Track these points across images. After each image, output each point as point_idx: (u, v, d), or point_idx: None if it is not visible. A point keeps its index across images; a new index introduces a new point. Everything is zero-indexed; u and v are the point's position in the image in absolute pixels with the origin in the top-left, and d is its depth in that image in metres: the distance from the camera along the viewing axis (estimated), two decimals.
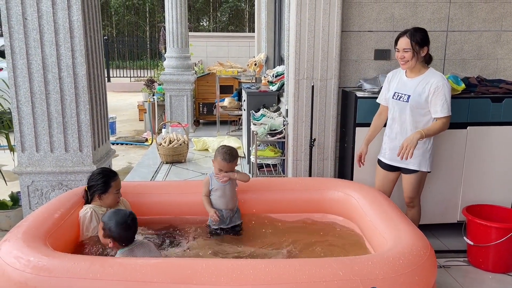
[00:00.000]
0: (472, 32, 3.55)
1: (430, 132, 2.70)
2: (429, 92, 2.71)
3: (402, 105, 2.81)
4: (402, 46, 2.74)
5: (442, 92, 2.69)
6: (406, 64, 2.77)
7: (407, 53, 2.73)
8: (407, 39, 2.73)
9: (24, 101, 3.01)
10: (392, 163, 2.93)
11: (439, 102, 2.69)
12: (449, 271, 2.98)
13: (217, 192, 2.81)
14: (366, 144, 3.07)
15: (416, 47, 2.72)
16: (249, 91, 5.16)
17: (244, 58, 8.96)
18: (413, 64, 2.75)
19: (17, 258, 1.93)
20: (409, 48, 2.72)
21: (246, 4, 23.04)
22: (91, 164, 3.13)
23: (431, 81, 2.73)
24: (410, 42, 2.71)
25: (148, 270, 1.86)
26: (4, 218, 3.67)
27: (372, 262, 1.91)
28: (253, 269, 1.86)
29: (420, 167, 2.83)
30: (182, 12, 7.12)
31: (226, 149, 2.80)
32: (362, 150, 3.07)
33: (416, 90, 2.75)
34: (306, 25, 3.35)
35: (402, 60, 2.77)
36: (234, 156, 2.80)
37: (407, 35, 2.73)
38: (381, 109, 3.05)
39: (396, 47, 2.80)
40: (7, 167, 5.07)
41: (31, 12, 2.89)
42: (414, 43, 2.71)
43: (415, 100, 2.75)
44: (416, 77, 2.79)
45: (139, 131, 8.40)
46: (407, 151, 2.62)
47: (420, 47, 2.73)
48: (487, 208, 3.20)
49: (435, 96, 2.70)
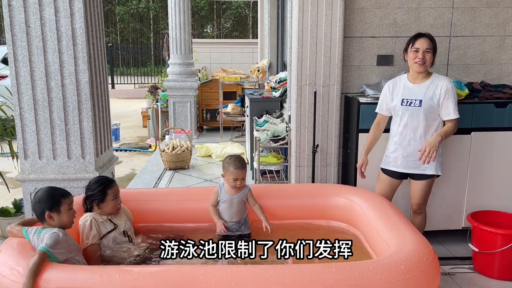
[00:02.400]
0: (476, 37, 3.53)
1: (447, 134, 2.71)
2: (439, 95, 2.71)
3: (415, 110, 2.78)
4: (424, 47, 2.72)
5: (452, 94, 2.71)
6: (423, 66, 2.74)
7: (428, 54, 2.72)
8: (428, 39, 2.73)
9: (27, 108, 3.01)
10: (406, 171, 2.89)
11: (451, 105, 2.70)
12: (454, 278, 2.94)
13: (225, 203, 2.79)
14: (365, 155, 3.03)
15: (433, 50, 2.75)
16: (252, 97, 5.16)
17: (247, 64, 8.97)
18: (428, 66, 2.76)
19: (12, 269, 1.92)
20: (431, 48, 2.72)
21: (249, 11, 23.14)
22: (93, 171, 3.12)
23: (440, 84, 2.73)
24: (432, 43, 2.73)
25: (147, 278, 1.86)
26: (7, 225, 3.65)
27: (373, 268, 1.89)
28: (252, 275, 1.85)
29: (436, 171, 2.83)
30: (186, 18, 7.15)
31: (234, 157, 2.79)
32: (363, 161, 3.03)
33: (427, 95, 2.74)
34: (308, 31, 3.35)
35: (421, 60, 2.72)
36: (244, 163, 2.79)
37: (428, 36, 2.74)
38: (379, 119, 3.02)
39: (413, 48, 2.75)
40: (10, 174, 5.08)
41: (34, 20, 2.91)
42: (433, 44, 2.74)
43: (428, 104, 2.73)
44: (423, 82, 2.78)
45: (143, 137, 8.42)
46: (430, 154, 2.61)
47: (435, 51, 2.77)
48: (492, 214, 3.17)
49: (446, 99, 2.70)
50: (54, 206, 2.20)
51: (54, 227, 2.18)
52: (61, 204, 2.22)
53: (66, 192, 2.30)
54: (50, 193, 2.25)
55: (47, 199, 2.21)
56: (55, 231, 2.13)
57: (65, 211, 2.23)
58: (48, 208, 2.19)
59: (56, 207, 2.20)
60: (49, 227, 2.19)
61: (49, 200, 2.20)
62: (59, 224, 2.21)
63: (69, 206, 2.26)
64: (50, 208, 2.19)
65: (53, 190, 2.29)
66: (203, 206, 2.96)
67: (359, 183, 3.30)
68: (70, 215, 2.27)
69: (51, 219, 2.19)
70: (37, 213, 2.22)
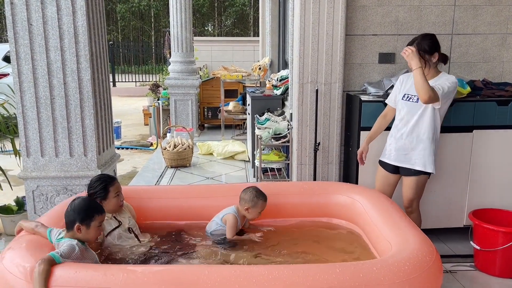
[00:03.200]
0: (478, 35, 3.53)
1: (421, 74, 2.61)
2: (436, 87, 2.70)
3: (412, 106, 2.80)
4: None
5: (446, 82, 2.68)
6: None
7: None
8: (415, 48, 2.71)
9: (29, 106, 3.02)
10: (397, 164, 2.92)
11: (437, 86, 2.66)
12: (456, 276, 2.95)
13: None
14: (367, 143, 3.06)
15: (426, 55, 2.72)
16: (254, 95, 5.16)
17: (248, 62, 8.97)
18: (426, 72, 2.74)
19: (20, 266, 1.92)
20: None
21: (251, 9, 23.11)
22: (95, 168, 3.13)
23: (441, 79, 2.73)
24: (418, 51, 2.70)
25: (151, 277, 1.85)
26: (9, 223, 3.68)
27: (377, 268, 1.89)
28: (256, 275, 1.84)
29: (425, 167, 2.81)
30: (187, 16, 7.15)
31: (258, 190, 2.78)
32: (363, 148, 3.07)
33: None
34: (310, 29, 3.34)
35: None
36: None
37: (415, 45, 2.73)
38: (387, 110, 3.04)
39: None
40: (13, 171, 5.09)
41: (36, 18, 2.91)
42: (423, 52, 2.71)
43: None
44: (429, 80, 2.77)
45: (144, 135, 8.43)
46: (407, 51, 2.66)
47: (430, 54, 2.73)
48: (494, 212, 3.17)
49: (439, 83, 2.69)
50: (86, 220, 2.16)
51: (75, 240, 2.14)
52: (94, 220, 2.18)
53: (101, 209, 2.27)
54: (87, 206, 2.21)
55: (82, 210, 2.17)
56: (73, 244, 2.09)
57: (94, 227, 2.19)
58: (80, 220, 2.15)
59: (87, 221, 2.16)
60: (71, 238, 2.15)
61: (83, 212, 2.17)
62: (84, 238, 2.18)
63: (99, 223, 2.22)
64: (81, 220, 2.15)
65: (90, 204, 2.25)
66: (205, 203, 2.96)
67: (361, 181, 3.31)
68: (98, 232, 2.24)
69: (78, 231, 2.15)
70: (68, 220, 2.18)
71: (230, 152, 5.99)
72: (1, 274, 1.94)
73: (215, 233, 2.77)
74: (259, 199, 2.75)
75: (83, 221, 2.15)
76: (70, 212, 2.18)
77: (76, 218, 2.15)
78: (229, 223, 2.72)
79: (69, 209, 2.19)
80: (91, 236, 2.20)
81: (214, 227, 2.79)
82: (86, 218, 2.16)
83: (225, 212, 2.79)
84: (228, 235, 2.70)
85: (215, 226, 2.78)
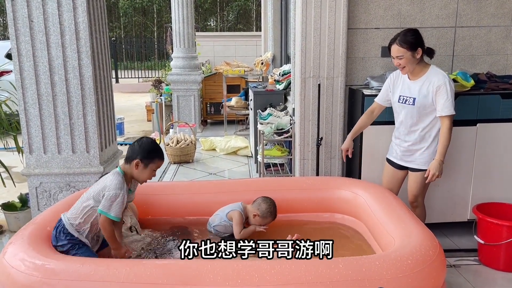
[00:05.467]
0: (481, 28, 3.50)
1: (444, 150, 2.67)
2: (432, 92, 2.68)
3: (409, 108, 2.78)
4: (394, 54, 2.69)
5: (444, 90, 2.65)
6: (404, 70, 2.74)
7: (402, 60, 2.68)
8: (397, 46, 2.67)
9: (31, 103, 3.02)
10: (402, 163, 2.92)
11: (441, 101, 2.66)
12: (460, 270, 2.94)
13: None
14: (351, 138, 3.05)
15: (408, 52, 2.66)
16: (256, 90, 5.14)
17: (251, 57, 8.94)
18: (412, 68, 2.72)
19: (22, 260, 1.94)
20: (401, 55, 2.66)
21: (253, 3, 23.03)
22: (98, 165, 3.13)
23: (433, 81, 2.69)
24: (401, 49, 2.66)
25: (154, 272, 1.86)
26: (13, 220, 3.70)
27: (380, 262, 1.89)
28: (258, 270, 1.85)
29: None
30: (189, 12, 7.12)
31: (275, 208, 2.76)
32: (348, 145, 3.04)
33: (421, 92, 2.72)
34: (312, 23, 3.32)
35: (399, 67, 2.74)
36: None
37: (397, 41, 2.67)
38: (374, 106, 3.02)
39: (390, 55, 2.76)
40: (16, 168, 5.11)
41: (37, 14, 2.90)
42: (406, 48, 2.65)
43: (421, 103, 2.72)
44: (419, 78, 2.75)
45: (147, 131, 8.43)
46: (434, 177, 2.67)
47: (413, 50, 2.66)
48: (498, 206, 3.15)
49: (438, 95, 2.66)
50: (146, 158, 2.33)
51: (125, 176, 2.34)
52: (153, 162, 2.36)
53: (163, 156, 2.44)
54: (152, 148, 2.38)
55: (146, 149, 2.34)
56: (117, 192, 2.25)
57: (150, 169, 2.36)
58: (141, 156, 2.32)
59: (147, 160, 2.33)
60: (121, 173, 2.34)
61: (147, 151, 2.34)
62: (137, 175, 2.36)
63: (156, 167, 2.39)
64: (142, 158, 2.32)
65: (156, 147, 2.42)
66: (208, 199, 2.97)
67: (364, 176, 3.29)
68: (151, 175, 2.40)
69: (136, 166, 2.33)
70: (130, 154, 2.35)
71: (232, 147, 5.99)
72: (4, 269, 1.95)
73: (218, 227, 2.76)
74: (270, 215, 2.74)
75: (144, 159, 2.33)
76: (135, 147, 2.36)
77: (139, 153, 2.32)
78: (236, 220, 2.71)
79: (136, 144, 2.38)
80: (144, 176, 2.37)
81: (217, 221, 2.77)
82: (147, 157, 2.34)
83: (231, 208, 2.77)
84: (236, 234, 2.68)
85: (218, 221, 2.77)
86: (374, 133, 3.22)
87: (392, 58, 2.74)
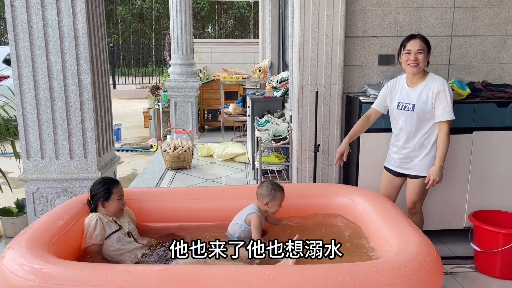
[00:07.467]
0: (477, 37, 3.53)
1: (443, 155, 2.70)
2: (432, 98, 2.70)
3: (408, 115, 2.80)
4: (416, 48, 2.71)
5: (443, 96, 2.69)
6: (417, 67, 2.73)
7: (421, 55, 2.71)
8: (419, 40, 2.72)
9: (29, 109, 3.03)
10: (401, 171, 2.93)
11: (441, 107, 2.69)
12: (456, 277, 2.94)
13: None
14: (347, 142, 3.03)
15: (426, 50, 2.74)
16: (254, 97, 5.16)
17: (248, 64, 8.98)
18: (422, 67, 2.75)
19: (21, 265, 1.93)
20: (422, 49, 2.71)
21: (251, 11, 23.14)
22: (95, 170, 3.13)
23: (433, 87, 2.72)
24: (423, 44, 2.72)
25: (152, 277, 1.85)
26: (10, 225, 3.68)
27: (377, 269, 1.89)
28: (256, 276, 1.85)
29: None
30: (187, 18, 7.16)
31: (274, 183, 2.76)
32: (344, 148, 3.02)
33: (420, 98, 2.74)
34: (310, 31, 3.35)
35: (414, 62, 2.72)
36: None
37: (419, 37, 2.74)
38: (371, 112, 3.04)
39: (405, 50, 2.76)
40: (13, 174, 5.09)
41: (36, 20, 2.91)
42: (426, 45, 2.74)
43: (420, 108, 2.74)
44: (418, 85, 2.77)
45: (144, 137, 8.43)
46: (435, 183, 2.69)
47: (429, 51, 2.76)
48: (494, 213, 3.17)
49: (438, 101, 2.69)
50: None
51: None
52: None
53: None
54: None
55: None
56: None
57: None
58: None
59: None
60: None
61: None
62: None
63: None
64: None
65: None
66: (205, 205, 2.96)
67: (361, 183, 3.31)
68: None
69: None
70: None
71: (230, 154, 6.00)
72: (2, 273, 1.94)
73: (242, 236, 2.66)
74: (276, 191, 2.71)
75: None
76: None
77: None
78: (254, 223, 2.63)
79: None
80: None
81: (239, 231, 2.67)
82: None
83: (247, 212, 2.70)
84: (255, 237, 2.58)
85: (240, 229, 2.67)
86: (371, 140, 3.24)
87: (407, 53, 2.74)
